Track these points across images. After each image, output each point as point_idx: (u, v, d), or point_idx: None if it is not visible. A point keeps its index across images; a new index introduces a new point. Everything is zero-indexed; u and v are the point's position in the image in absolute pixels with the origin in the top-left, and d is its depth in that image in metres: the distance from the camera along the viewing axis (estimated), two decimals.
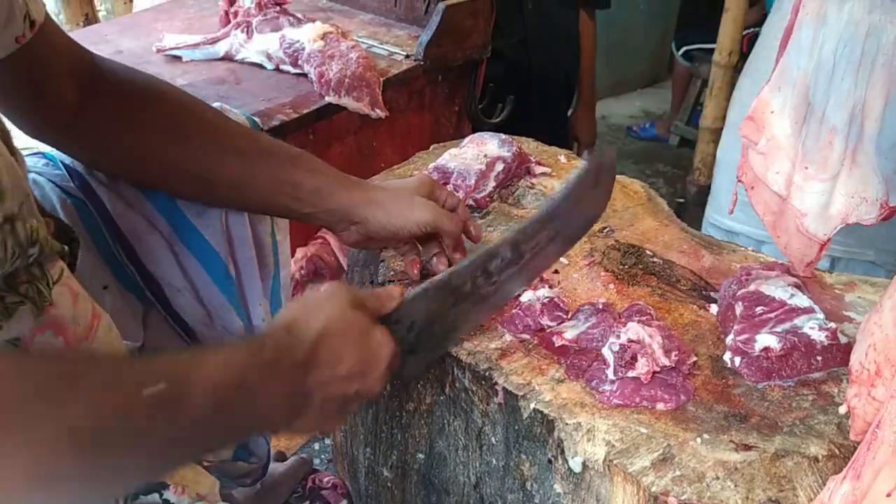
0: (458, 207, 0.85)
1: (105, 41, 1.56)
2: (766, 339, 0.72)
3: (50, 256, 0.57)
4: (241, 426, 0.55)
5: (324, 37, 1.38)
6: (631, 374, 0.68)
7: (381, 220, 0.79)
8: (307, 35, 1.38)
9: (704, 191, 2.24)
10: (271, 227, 0.91)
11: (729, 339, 0.74)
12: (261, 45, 1.42)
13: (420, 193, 0.81)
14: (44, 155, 0.84)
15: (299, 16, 1.46)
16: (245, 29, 1.44)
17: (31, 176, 0.81)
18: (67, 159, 0.81)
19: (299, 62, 1.38)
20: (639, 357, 0.68)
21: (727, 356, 0.73)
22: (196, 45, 1.45)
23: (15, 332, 0.53)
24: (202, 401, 0.49)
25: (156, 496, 0.63)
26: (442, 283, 0.70)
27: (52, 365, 0.45)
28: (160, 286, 0.84)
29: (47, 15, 0.69)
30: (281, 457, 1.18)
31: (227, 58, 1.45)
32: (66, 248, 0.61)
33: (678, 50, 2.89)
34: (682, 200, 2.48)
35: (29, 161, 0.83)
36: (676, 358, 0.70)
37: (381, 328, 0.64)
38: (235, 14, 1.47)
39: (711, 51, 2.25)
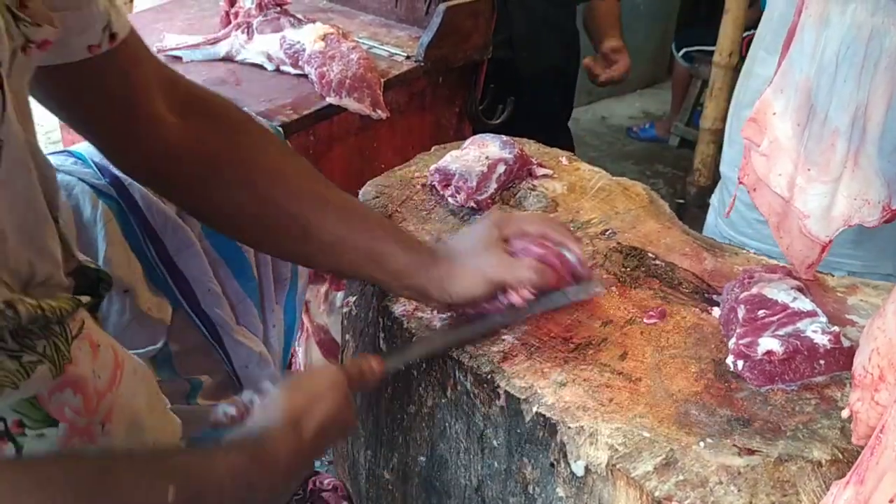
0: (545, 237, 0.79)
1: None
2: (769, 343, 0.71)
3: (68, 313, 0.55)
4: None
5: (324, 38, 1.38)
6: None
7: (458, 292, 0.75)
8: (308, 36, 1.38)
9: (704, 192, 2.24)
10: None
11: (731, 343, 0.74)
12: (261, 46, 1.41)
13: (491, 243, 0.77)
14: (71, 153, 0.84)
15: (300, 16, 1.46)
16: (245, 30, 1.43)
17: (60, 177, 0.79)
18: (97, 156, 0.80)
19: (300, 63, 1.38)
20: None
21: (730, 360, 0.73)
22: (196, 46, 1.45)
23: (33, 391, 0.52)
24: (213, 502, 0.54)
25: None
26: (426, 351, 0.75)
27: (82, 469, 0.47)
28: (189, 285, 0.84)
29: (133, 32, 0.66)
30: None
31: (228, 58, 1.45)
32: (89, 297, 0.59)
33: (678, 51, 2.89)
34: (682, 201, 2.48)
35: (57, 160, 0.82)
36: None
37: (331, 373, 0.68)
38: (236, 15, 1.47)
39: (711, 52, 2.25)
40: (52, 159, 0.82)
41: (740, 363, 0.72)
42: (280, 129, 0.97)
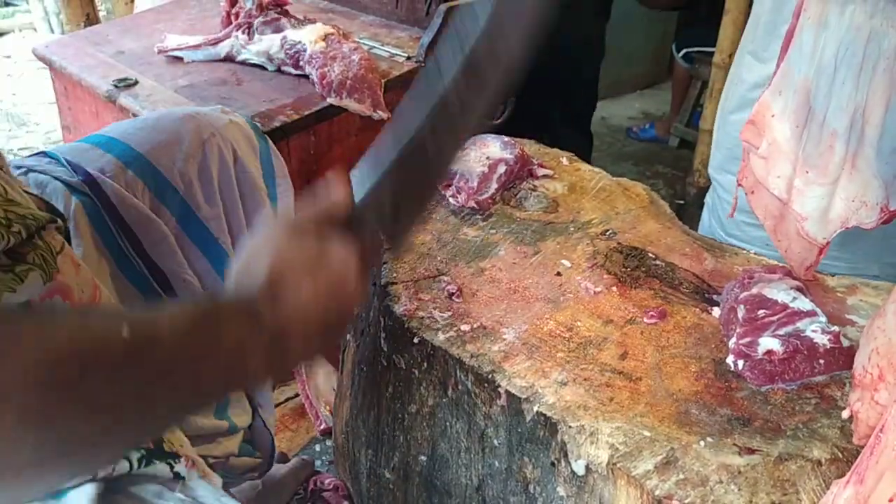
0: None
1: (107, 42, 1.56)
2: (769, 343, 0.72)
3: (47, 229, 0.59)
4: (220, 376, 0.52)
5: (325, 38, 1.38)
6: None
7: None
8: (308, 36, 1.38)
9: (704, 192, 2.24)
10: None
11: (731, 343, 0.75)
12: (262, 47, 1.42)
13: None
14: (46, 153, 0.85)
15: (300, 17, 1.46)
16: (246, 30, 1.44)
17: (34, 176, 0.81)
18: (70, 155, 0.81)
19: (301, 63, 1.38)
20: None
21: (730, 359, 0.73)
22: (197, 47, 1.45)
23: (26, 295, 0.55)
24: (171, 344, 0.47)
25: (166, 467, 0.63)
26: (397, 156, 0.60)
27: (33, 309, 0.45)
28: (166, 277, 0.85)
29: None
30: (283, 458, 1.18)
31: (229, 59, 1.45)
32: (59, 220, 0.62)
33: (678, 51, 2.89)
34: (681, 202, 2.48)
35: (32, 161, 0.84)
36: None
37: (339, 238, 0.57)
38: (237, 15, 1.47)
39: (711, 53, 2.26)
40: (28, 161, 0.84)
41: (740, 363, 0.72)
42: (257, 123, 0.98)
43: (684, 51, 2.87)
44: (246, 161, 0.96)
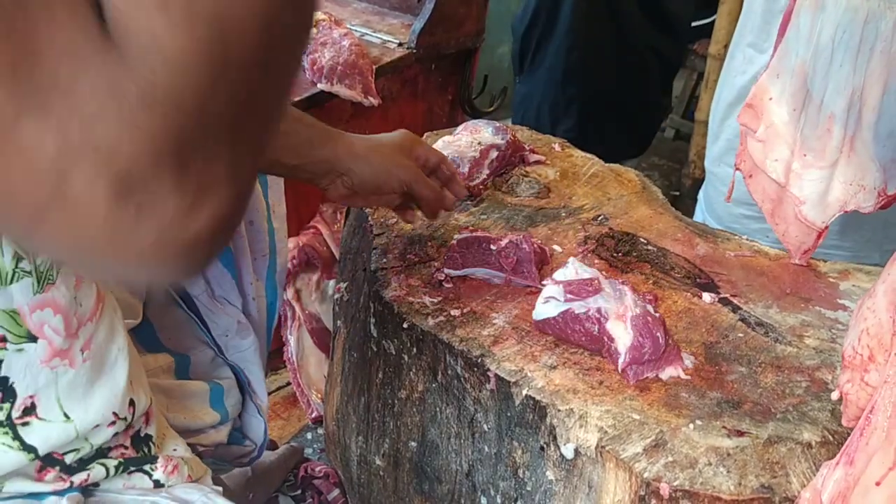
0: (438, 167, 0.85)
1: None
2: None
3: None
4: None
5: (316, 24, 1.37)
6: None
7: (365, 173, 0.77)
8: None
9: (699, 184, 2.24)
10: (267, 213, 0.90)
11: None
12: None
13: (402, 150, 0.81)
14: None
15: None
16: None
17: None
18: None
19: None
20: None
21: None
22: None
23: (16, 303, 0.52)
24: None
25: (145, 476, 0.62)
26: None
27: None
28: None
29: None
30: (272, 445, 1.17)
31: None
32: None
33: None
34: (677, 193, 2.48)
35: None
36: None
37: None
38: None
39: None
40: None
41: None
42: None
43: None
44: None
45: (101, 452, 0.59)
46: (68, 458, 0.57)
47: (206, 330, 0.85)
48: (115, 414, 0.59)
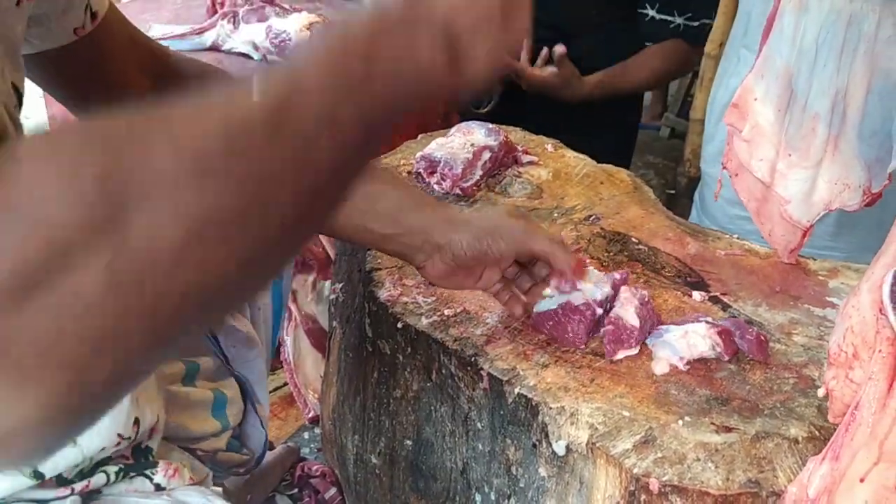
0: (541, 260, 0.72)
1: None
2: None
3: None
4: (389, 90, 0.39)
5: (310, 27, 1.38)
6: None
7: (465, 238, 0.66)
8: (294, 25, 1.38)
9: (695, 182, 2.25)
10: None
11: None
12: (247, 36, 1.41)
13: (511, 214, 0.74)
14: None
15: (286, 6, 1.46)
16: (231, 19, 1.43)
17: None
18: None
19: (286, 52, 1.37)
20: None
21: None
22: (183, 36, 1.45)
23: None
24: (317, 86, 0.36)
25: (146, 480, 0.63)
26: None
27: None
28: None
29: (111, 6, 0.66)
30: (269, 446, 1.18)
31: (214, 48, 1.45)
32: None
33: None
34: (672, 192, 2.49)
35: None
36: None
37: None
38: (222, 4, 1.47)
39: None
40: None
41: None
42: None
43: None
44: None
45: (102, 462, 0.60)
46: (69, 473, 0.58)
47: (214, 341, 0.86)
48: (119, 435, 0.59)
